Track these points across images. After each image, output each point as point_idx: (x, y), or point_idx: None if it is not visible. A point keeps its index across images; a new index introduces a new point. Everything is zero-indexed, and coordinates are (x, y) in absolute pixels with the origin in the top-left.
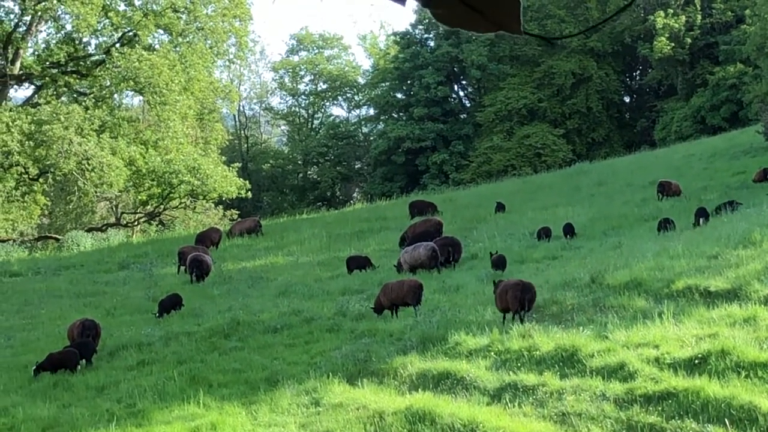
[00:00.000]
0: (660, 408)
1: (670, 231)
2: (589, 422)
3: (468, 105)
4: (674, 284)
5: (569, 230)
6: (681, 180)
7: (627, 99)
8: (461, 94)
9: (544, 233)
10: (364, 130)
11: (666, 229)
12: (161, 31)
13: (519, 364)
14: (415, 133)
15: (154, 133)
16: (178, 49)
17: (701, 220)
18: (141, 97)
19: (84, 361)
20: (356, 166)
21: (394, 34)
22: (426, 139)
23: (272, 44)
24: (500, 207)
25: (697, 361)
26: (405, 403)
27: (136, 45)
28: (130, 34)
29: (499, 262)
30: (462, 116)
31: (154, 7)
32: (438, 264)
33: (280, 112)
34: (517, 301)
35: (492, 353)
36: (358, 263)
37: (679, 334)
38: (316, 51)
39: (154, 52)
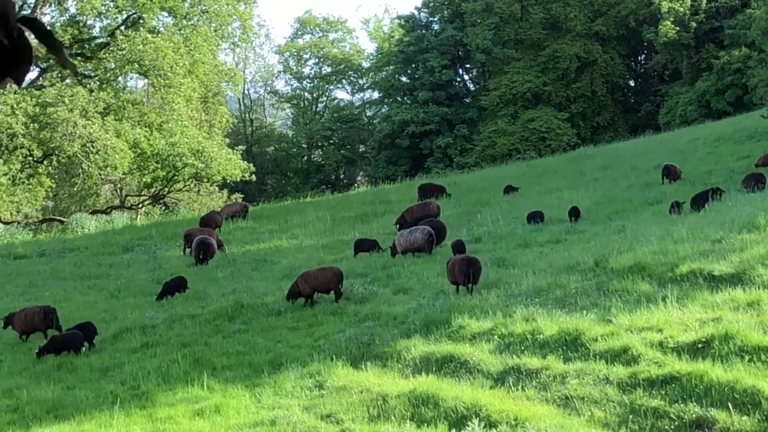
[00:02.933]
0: (663, 392)
1: (681, 214)
2: (592, 406)
3: (472, 89)
4: (678, 268)
5: (575, 213)
6: (685, 164)
7: (632, 83)
8: (466, 77)
9: (537, 217)
10: (369, 113)
11: (678, 211)
12: (166, 14)
13: (522, 348)
14: (420, 116)
15: (159, 116)
16: (182, 31)
17: (701, 205)
18: (145, 80)
19: (87, 343)
20: (360, 150)
21: (399, 17)
22: (430, 123)
23: (277, 27)
24: (510, 188)
25: (700, 345)
26: (408, 386)
27: (141, 28)
28: (135, 16)
29: (457, 247)
30: (466, 100)
31: None
32: (433, 246)
33: (284, 96)
34: (463, 275)
35: (495, 336)
36: (365, 246)
37: (683, 318)
38: (321, 34)
39: (159, 35)
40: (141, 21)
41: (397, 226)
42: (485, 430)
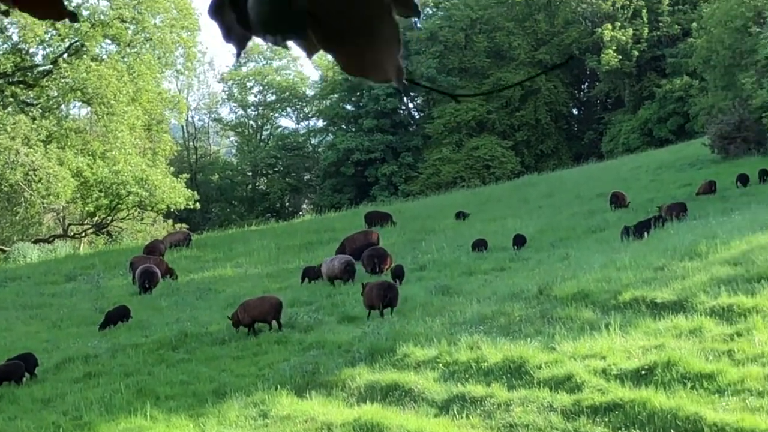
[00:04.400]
0: (607, 419)
1: (630, 239)
2: None
3: (417, 117)
4: (621, 295)
5: (519, 241)
6: (628, 192)
7: (575, 111)
8: (410, 105)
9: (481, 245)
10: (314, 141)
11: (629, 236)
12: (109, 42)
13: (467, 376)
14: (365, 144)
15: (102, 144)
16: (126, 59)
17: (644, 232)
18: (89, 108)
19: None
20: (305, 178)
21: None
22: (375, 151)
23: (220, 55)
24: (461, 214)
25: (643, 372)
26: (353, 415)
27: (84, 55)
28: (78, 44)
29: (397, 273)
30: (411, 128)
31: (102, 17)
32: (353, 277)
33: (228, 123)
34: (381, 299)
35: (440, 365)
36: (312, 274)
37: (626, 345)
38: (265, 62)
39: (102, 63)
40: (84, 49)
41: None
42: None
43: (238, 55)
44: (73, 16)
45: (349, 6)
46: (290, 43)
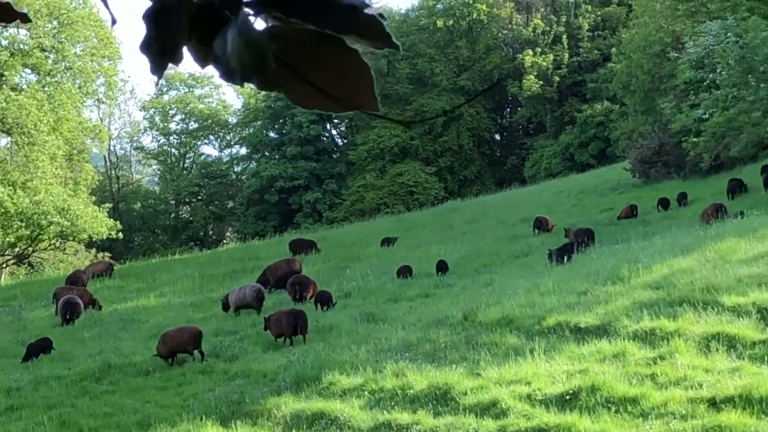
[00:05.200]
0: None
1: (554, 263)
2: None
3: (340, 143)
4: (545, 321)
5: (443, 267)
6: (551, 216)
7: (497, 137)
8: (334, 132)
9: (406, 272)
10: (237, 169)
11: (556, 260)
12: (29, 71)
13: (393, 403)
14: (288, 171)
15: (23, 174)
16: (46, 89)
17: (565, 257)
18: (9, 138)
19: None
20: (229, 206)
21: None
22: (299, 178)
23: (142, 83)
24: (388, 240)
25: (568, 397)
26: None
27: (3, 85)
28: None
29: (322, 299)
30: (335, 155)
31: (22, 46)
32: (261, 305)
33: (151, 152)
34: (291, 327)
35: (366, 392)
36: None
37: (551, 370)
38: (187, 90)
39: (22, 92)
40: (3, 78)
41: (258, 283)
42: None
43: (157, 83)
44: (25, 17)
45: (318, 52)
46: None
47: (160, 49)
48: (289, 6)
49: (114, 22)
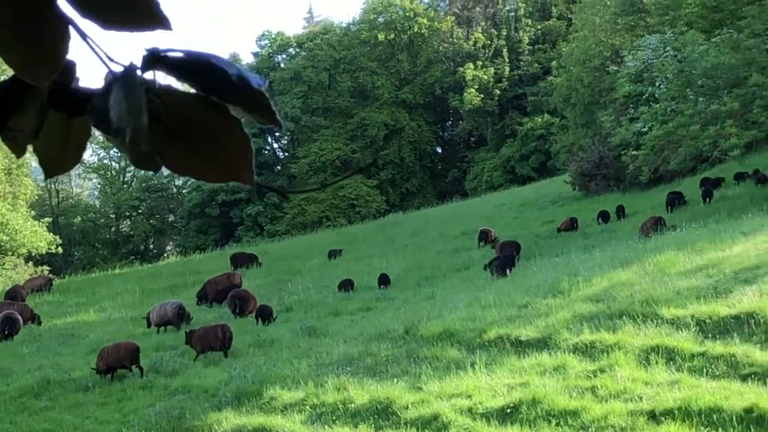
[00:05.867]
0: None
1: (500, 275)
2: None
3: (282, 157)
4: (486, 334)
5: (385, 280)
6: (493, 229)
7: (439, 149)
8: (275, 146)
9: (347, 285)
10: (178, 182)
11: (497, 273)
12: None
13: (334, 418)
14: (229, 185)
15: None
16: None
17: (507, 270)
18: None
19: None
20: (170, 219)
21: None
22: (240, 191)
23: None
24: (334, 252)
25: (509, 410)
26: None
27: None
28: None
29: (262, 314)
30: (276, 168)
31: None
32: (185, 320)
33: (91, 165)
34: (219, 341)
35: (307, 407)
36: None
37: (491, 383)
38: None
39: None
40: None
41: (198, 298)
42: None
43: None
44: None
45: (200, 117)
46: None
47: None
48: (177, 69)
49: None
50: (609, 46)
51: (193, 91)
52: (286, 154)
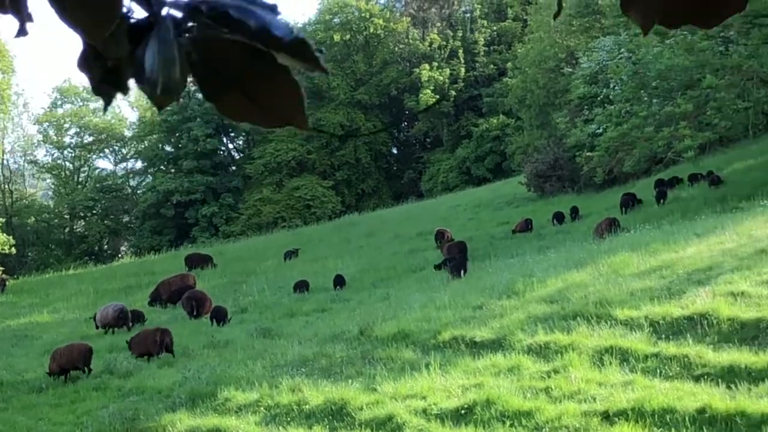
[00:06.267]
0: None
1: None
2: None
3: (237, 157)
4: (441, 335)
5: (340, 281)
6: (449, 230)
7: (395, 150)
8: (230, 146)
9: (302, 287)
10: (132, 183)
11: (452, 274)
12: None
13: (288, 419)
14: (184, 185)
15: None
16: None
17: (461, 271)
18: None
19: None
20: (124, 220)
21: None
22: (195, 192)
23: (36, 97)
24: (291, 253)
25: (463, 411)
26: None
27: None
28: None
29: (217, 315)
30: (231, 168)
31: None
32: (127, 323)
33: (45, 166)
34: (158, 345)
35: (262, 408)
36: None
37: (446, 384)
38: (81, 104)
39: None
40: None
41: (150, 299)
42: None
43: (105, 109)
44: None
45: (250, 64)
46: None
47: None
48: (221, 18)
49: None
50: (564, 47)
51: (237, 39)
52: (242, 154)
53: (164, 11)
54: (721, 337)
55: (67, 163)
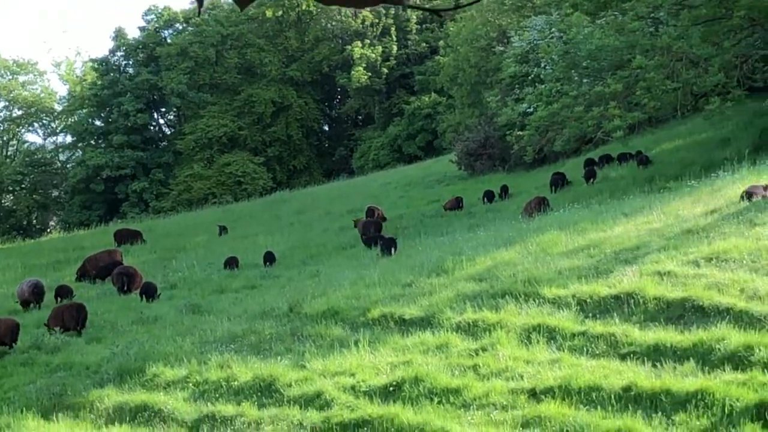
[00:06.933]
0: None
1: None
2: None
3: (168, 133)
4: (370, 312)
5: (270, 258)
6: (380, 207)
7: (326, 128)
8: (161, 121)
9: (232, 263)
10: (62, 157)
11: (382, 251)
12: None
13: (217, 395)
14: (115, 161)
15: None
16: None
17: (391, 248)
18: None
19: None
20: (53, 195)
21: (92, 60)
22: (126, 167)
23: None
24: (223, 229)
25: (391, 388)
26: None
27: None
28: None
29: (147, 291)
30: (162, 144)
31: None
32: (41, 299)
33: None
34: (74, 320)
35: (190, 384)
36: (63, 293)
37: (375, 361)
38: (10, 77)
39: None
40: None
41: (77, 275)
42: None
43: (199, 13)
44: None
45: None
46: None
47: None
48: None
49: None
50: (496, 26)
51: None
52: (173, 129)
53: None
54: (647, 316)
55: None
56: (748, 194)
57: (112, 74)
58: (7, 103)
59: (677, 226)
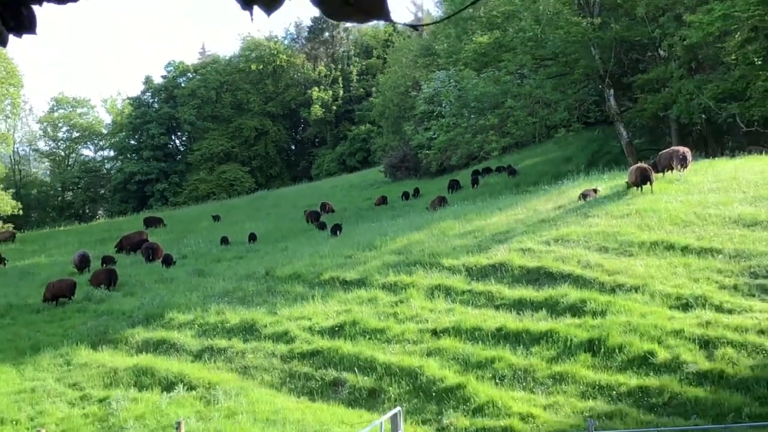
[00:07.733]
0: (312, 361)
1: (333, 235)
2: (263, 372)
3: (182, 149)
4: (322, 276)
5: (253, 237)
6: (330, 202)
7: (293, 147)
8: (177, 142)
9: (226, 241)
10: (107, 166)
11: (332, 233)
12: None
13: (215, 333)
14: (144, 169)
15: None
16: None
17: (337, 231)
18: None
19: None
20: (101, 192)
21: (129, 98)
22: (152, 173)
23: (39, 103)
24: (216, 217)
25: (336, 329)
26: (133, 362)
27: None
28: None
29: (166, 260)
30: (178, 157)
31: None
32: (87, 265)
33: (44, 153)
34: (107, 280)
35: (196, 325)
36: (108, 261)
37: (325, 310)
38: (71, 109)
39: None
40: None
41: (116, 248)
42: (187, 392)
43: (269, 14)
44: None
45: None
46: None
47: None
48: None
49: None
50: (411, 77)
51: None
52: (185, 147)
53: None
54: (514, 279)
55: (60, 152)
56: (584, 195)
57: (142, 108)
58: (68, 128)
59: (535, 217)
